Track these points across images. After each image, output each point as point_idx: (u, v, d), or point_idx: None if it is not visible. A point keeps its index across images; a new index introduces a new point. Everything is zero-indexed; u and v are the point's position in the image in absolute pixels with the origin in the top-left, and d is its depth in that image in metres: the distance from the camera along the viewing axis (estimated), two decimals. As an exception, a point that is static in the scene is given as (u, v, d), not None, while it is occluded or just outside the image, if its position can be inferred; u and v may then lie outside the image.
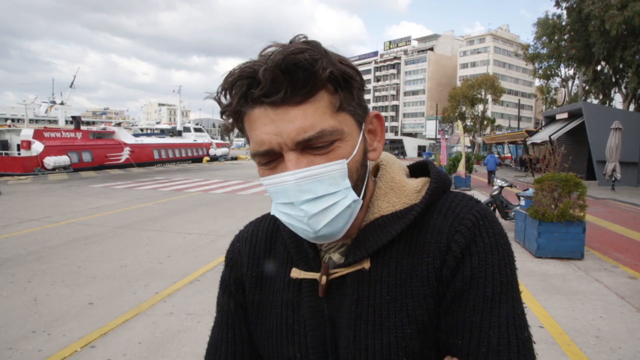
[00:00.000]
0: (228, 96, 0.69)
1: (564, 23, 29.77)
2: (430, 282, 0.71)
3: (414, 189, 0.78)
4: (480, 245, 0.70)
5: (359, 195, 0.71)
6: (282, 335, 0.80)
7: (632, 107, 28.67)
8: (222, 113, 0.71)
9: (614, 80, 29.76)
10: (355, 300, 0.74)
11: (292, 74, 0.63)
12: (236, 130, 0.73)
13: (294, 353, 0.77)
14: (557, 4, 28.43)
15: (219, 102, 0.70)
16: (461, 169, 16.14)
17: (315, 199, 0.67)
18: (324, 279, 0.76)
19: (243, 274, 0.88)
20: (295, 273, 0.80)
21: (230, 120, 0.71)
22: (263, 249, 0.88)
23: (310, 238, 0.72)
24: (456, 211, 0.73)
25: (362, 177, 0.73)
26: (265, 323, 0.83)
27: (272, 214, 0.74)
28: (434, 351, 0.72)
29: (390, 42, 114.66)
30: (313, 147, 0.66)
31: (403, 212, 0.75)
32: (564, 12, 28.78)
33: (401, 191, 0.78)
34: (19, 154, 23.68)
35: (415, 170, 0.88)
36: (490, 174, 20.20)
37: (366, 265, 0.74)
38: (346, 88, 0.68)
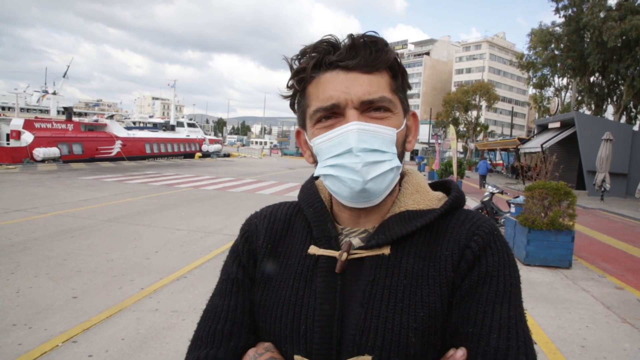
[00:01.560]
0: (300, 63, 0.81)
1: (560, 32, 30.00)
2: (447, 271, 0.78)
3: (436, 197, 0.89)
4: (494, 250, 0.80)
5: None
6: (290, 305, 0.82)
7: (623, 119, 29.00)
8: (293, 76, 0.82)
9: (607, 91, 30.07)
10: (371, 280, 0.79)
11: (367, 47, 0.77)
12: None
13: (299, 324, 0.80)
14: (557, 11, 28.64)
15: (291, 68, 0.83)
16: (454, 173, 16.22)
17: (371, 150, 0.76)
18: (344, 255, 0.80)
19: (258, 246, 0.91)
20: (314, 249, 0.85)
21: (292, 88, 0.84)
22: (281, 226, 0.93)
23: (355, 192, 0.77)
24: (473, 220, 0.83)
25: (401, 156, 0.83)
26: (273, 294, 0.85)
27: (316, 174, 0.83)
28: (440, 340, 0.77)
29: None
30: (372, 109, 0.78)
31: (427, 211, 0.84)
32: (562, 19, 29.02)
33: (425, 195, 0.88)
34: (8, 144, 23.34)
35: (433, 187, 0.97)
36: (482, 178, 20.38)
37: (386, 251, 0.80)
38: (402, 79, 0.83)
